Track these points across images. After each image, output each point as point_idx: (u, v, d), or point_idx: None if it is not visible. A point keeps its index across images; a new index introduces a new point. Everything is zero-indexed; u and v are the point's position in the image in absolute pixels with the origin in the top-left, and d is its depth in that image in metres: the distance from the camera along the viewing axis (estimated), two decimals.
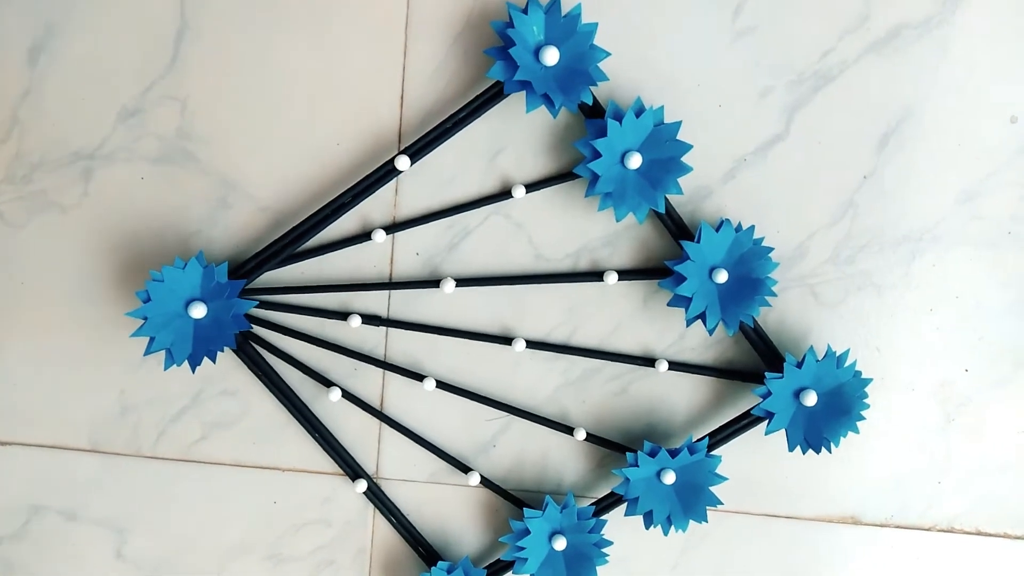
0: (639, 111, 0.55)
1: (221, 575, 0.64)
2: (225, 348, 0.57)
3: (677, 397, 0.61)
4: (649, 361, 0.60)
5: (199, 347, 0.56)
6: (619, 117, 0.54)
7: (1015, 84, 0.58)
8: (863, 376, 0.58)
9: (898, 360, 0.61)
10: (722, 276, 0.56)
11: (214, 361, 0.57)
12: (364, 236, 0.59)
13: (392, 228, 0.59)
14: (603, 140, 0.54)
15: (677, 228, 0.58)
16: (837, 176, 0.59)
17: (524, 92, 0.55)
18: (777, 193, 0.59)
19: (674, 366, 0.60)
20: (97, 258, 0.61)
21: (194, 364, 0.56)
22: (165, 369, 0.56)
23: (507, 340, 0.60)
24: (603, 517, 0.60)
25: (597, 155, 0.55)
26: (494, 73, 0.54)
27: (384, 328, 0.61)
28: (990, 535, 0.62)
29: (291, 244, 0.58)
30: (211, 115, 0.59)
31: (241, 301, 0.57)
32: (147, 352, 0.56)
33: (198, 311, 0.55)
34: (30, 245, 0.61)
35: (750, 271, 0.56)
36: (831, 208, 0.59)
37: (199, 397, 0.62)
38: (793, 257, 0.60)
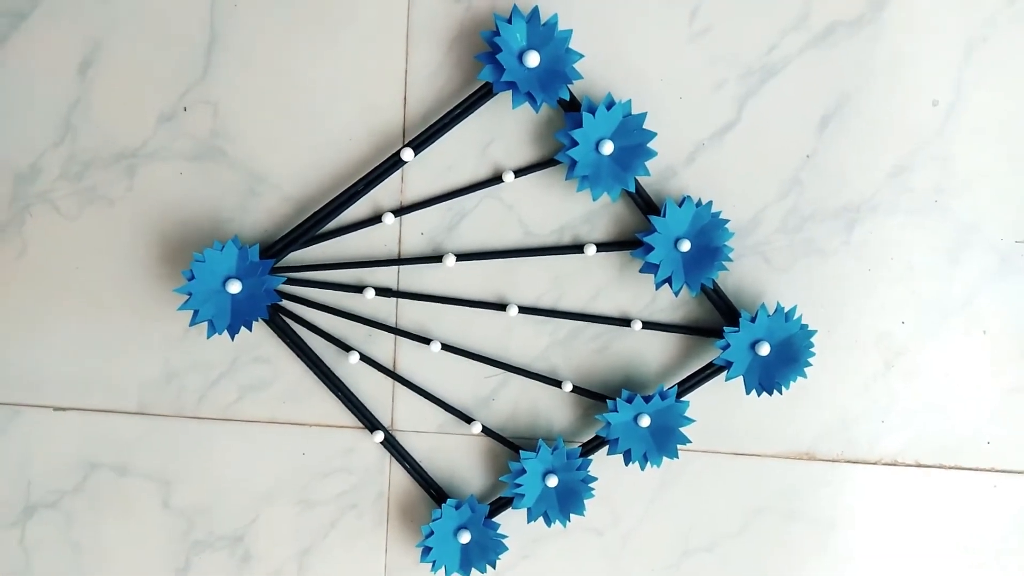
0: (610, 104, 0.57)
1: (256, 520, 0.67)
2: (259, 318, 0.60)
3: (650, 352, 0.64)
4: (625, 322, 0.62)
5: (236, 318, 0.59)
6: (592, 110, 0.57)
7: (936, 72, 0.61)
8: (809, 328, 0.60)
9: (842, 316, 0.63)
10: (685, 245, 0.59)
11: (250, 329, 0.60)
12: (375, 219, 0.61)
13: (400, 211, 0.61)
14: (579, 131, 0.57)
15: (646, 205, 0.60)
16: (784, 156, 0.61)
17: (510, 91, 0.58)
18: (732, 172, 0.61)
19: (647, 325, 0.62)
20: (141, 245, 0.64)
21: (233, 333, 0.59)
22: (208, 337, 0.60)
23: (502, 307, 0.62)
24: (589, 457, 0.62)
25: (575, 144, 0.58)
26: (484, 75, 0.57)
27: (395, 299, 0.63)
28: (928, 466, 0.64)
29: (312, 227, 0.60)
30: (239, 117, 0.62)
31: (271, 278, 0.59)
32: (193, 323, 0.59)
33: (235, 287, 0.58)
34: (83, 234, 0.64)
35: (709, 241, 0.59)
36: (779, 184, 0.62)
37: (235, 363, 0.65)
38: (747, 228, 0.62)
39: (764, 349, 0.60)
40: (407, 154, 0.59)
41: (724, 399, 0.64)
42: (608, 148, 0.58)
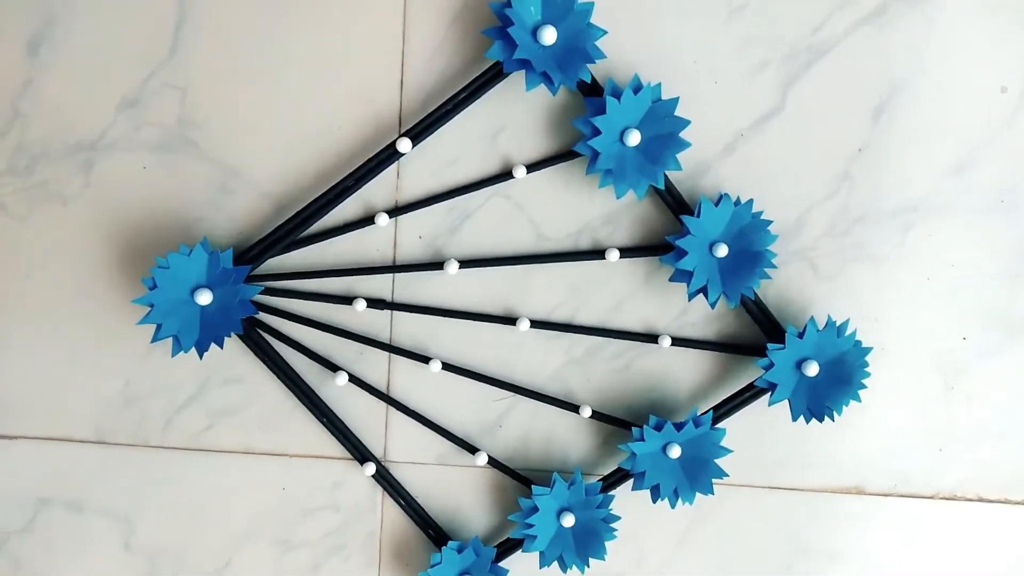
0: (637, 88, 0.55)
1: (231, 563, 0.63)
2: (231, 334, 0.57)
3: (680, 372, 0.61)
4: (652, 337, 0.60)
5: (206, 333, 0.56)
6: (617, 94, 0.54)
7: (1004, 54, 0.58)
8: (863, 345, 0.57)
9: (896, 330, 0.60)
10: (722, 250, 0.56)
11: (221, 346, 0.56)
12: (367, 220, 0.59)
13: (395, 212, 0.59)
14: (602, 117, 0.54)
15: (677, 204, 0.58)
16: (832, 149, 0.59)
17: (523, 71, 0.55)
18: (774, 167, 0.59)
19: (676, 341, 0.60)
20: (100, 249, 0.61)
21: (201, 350, 0.56)
22: (173, 355, 0.56)
23: (511, 320, 0.60)
24: (610, 493, 0.60)
25: (596, 132, 0.55)
26: (493, 53, 0.54)
27: (389, 311, 0.61)
28: (991, 501, 0.62)
29: (294, 229, 0.58)
30: (211, 102, 0.59)
31: (246, 287, 0.56)
32: (155, 339, 0.55)
33: (204, 297, 0.55)
34: (33, 237, 0.61)
35: (750, 244, 0.56)
36: (827, 181, 0.59)
37: (205, 385, 0.62)
38: (791, 230, 0.59)
39: (812, 369, 0.57)
40: (404, 145, 0.56)
41: (764, 426, 0.61)
42: (634, 138, 0.55)
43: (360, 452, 0.62)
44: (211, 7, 0.58)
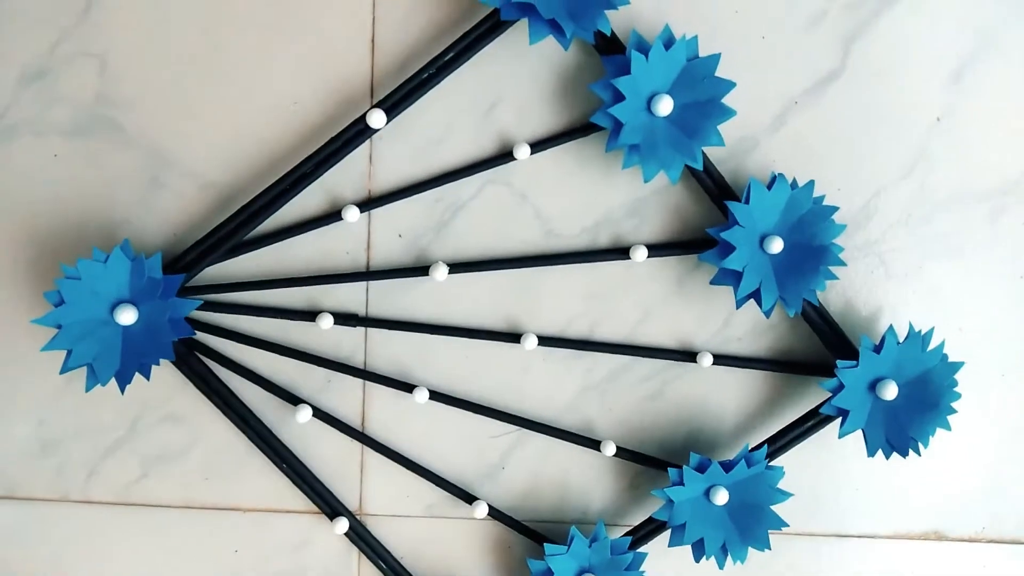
0: (668, 42, 0.50)
1: None
2: (162, 361, 0.53)
3: (725, 397, 0.57)
4: (689, 355, 0.56)
5: (129, 360, 0.51)
6: (644, 51, 0.49)
7: None
8: (951, 360, 0.52)
9: (985, 340, 0.56)
10: (777, 245, 0.51)
11: (148, 377, 0.52)
12: (333, 215, 0.55)
13: (367, 204, 0.55)
14: (626, 79, 0.49)
15: (719, 189, 0.53)
16: (905, 119, 0.55)
17: (526, 21, 0.50)
18: (835, 142, 0.55)
19: (720, 360, 0.56)
20: (1, 255, 0.56)
21: (123, 382, 0.51)
22: (87, 390, 0.51)
23: (515, 337, 0.56)
24: (642, 549, 0.55)
25: (619, 98, 0.50)
26: None
27: (362, 329, 0.57)
28: None
29: (241, 228, 0.53)
30: (137, 74, 0.55)
31: (181, 301, 0.52)
32: (63, 369, 0.51)
33: (127, 316, 0.50)
34: None
35: (811, 237, 0.51)
36: (900, 159, 0.55)
37: (136, 426, 0.58)
38: (856, 220, 0.55)
39: (890, 391, 0.52)
40: (376, 119, 0.52)
41: (829, 463, 0.57)
42: (666, 106, 0.50)
43: (330, 505, 0.58)
44: None
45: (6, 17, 0.54)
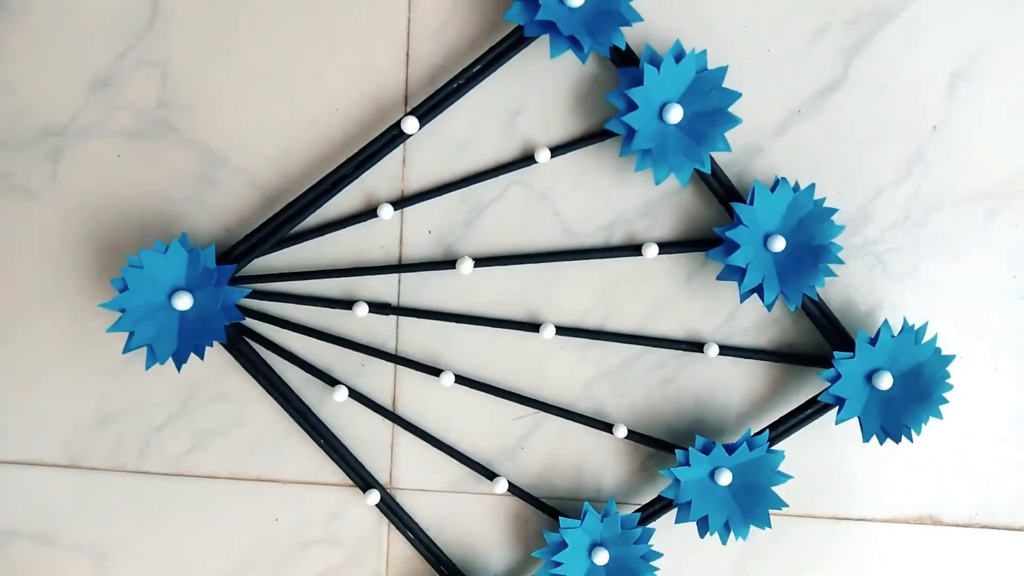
0: (679, 56, 0.51)
1: None
2: (214, 343, 0.55)
3: (730, 386, 0.58)
4: (697, 346, 0.57)
5: (185, 342, 0.53)
6: (656, 63, 0.51)
7: None
8: (944, 353, 0.53)
9: (978, 335, 0.57)
10: (779, 243, 0.52)
11: (202, 358, 0.54)
12: (369, 213, 0.57)
13: (400, 203, 0.57)
14: (639, 89, 0.51)
15: (725, 190, 0.54)
16: (903, 126, 0.56)
17: (547, 37, 0.52)
18: (836, 148, 0.56)
19: (725, 350, 0.57)
20: (70, 247, 0.59)
21: (179, 362, 0.54)
22: (147, 368, 0.53)
23: (534, 327, 0.57)
24: (650, 525, 0.57)
25: (633, 107, 0.52)
26: (513, 16, 0.51)
27: (394, 317, 0.58)
28: None
29: (286, 224, 0.55)
30: (194, 82, 0.57)
31: (231, 289, 0.54)
32: (126, 349, 0.53)
33: (183, 301, 0.53)
34: None
35: (811, 237, 0.53)
36: (897, 163, 0.56)
37: (188, 403, 0.60)
38: (856, 220, 0.56)
39: (885, 381, 0.53)
40: (410, 125, 0.54)
41: (828, 448, 0.58)
42: (676, 114, 0.51)
43: (362, 478, 0.59)
44: None
45: (78, 31, 0.56)
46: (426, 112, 0.54)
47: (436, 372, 0.57)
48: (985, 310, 0.57)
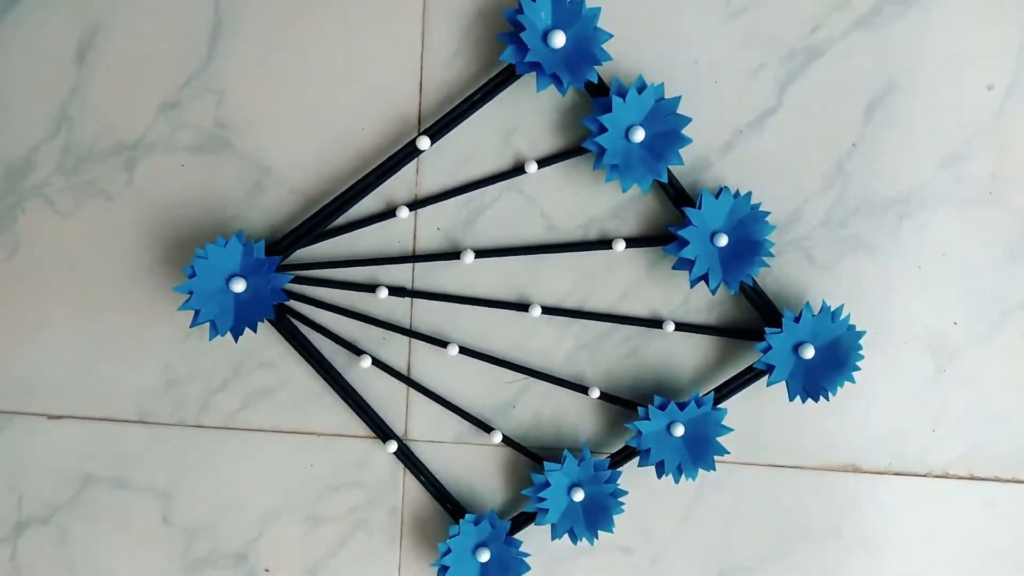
0: (641, 88, 0.55)
1: (261, 536, 0.64)
2: (264, 320, 0.58)
3: (683, 356, 0.61)
4: (657, 323, 0.60)
5: (240, 319, 0.57)
6: (623, 94, 0.55)
7: (991, 54, 0.58)
8: (857, 329, 0.57)
9: (890, 316, 0.60)
10: (723, 240, 0.56)
11: (255, 331, 0.57)
12: (389, 213, 0.60)
13: (415, 205, 0.60)
14: (608, 116, 0.55)
15: (679, 197, 0.58)
16: (827, 145, 0.59)
17: (535, 73, 0.56)
18: (772, 162, 0.59)
19: (680, 327, 0.60)
20: (141, 242, 0.62)
21: (236, 334, 0.58)
22: (211, 339, 0.57)
23: (524, 307, 0.60)
24: (618, 469, 0.60)
25: (603, 130, 0.56)
26: (507, 56, 0.55)
27: (409, 299, 0.61)
28: (982, 479, 0.61)
29: (322, 222, 0.59)
30: (245, 105, 0.60)
31: (278, 275, 0.58)
32: (194, 323, 0.57)
33: (239, 285, 0.57)
34: (79, 231, 0.62)
35: (749, 234, 0.57)
36: (823, 175, 0.59)
37: (239, 369, 0.63)
38: (788, 222, 0.59)
39: (808, 352, 0.57)
40: (423, 143, 0.57)
41: (763, 407, 0.61)
42: (639, 135, 0.56)
43: (383, 431, 0.62)
44: (245, 16, 0.60)
45: (148, 62, 0.60)
46: (436, 131, 0.57)
47: (443, 344, 0.60)
48: (895, 295, 0.60)
